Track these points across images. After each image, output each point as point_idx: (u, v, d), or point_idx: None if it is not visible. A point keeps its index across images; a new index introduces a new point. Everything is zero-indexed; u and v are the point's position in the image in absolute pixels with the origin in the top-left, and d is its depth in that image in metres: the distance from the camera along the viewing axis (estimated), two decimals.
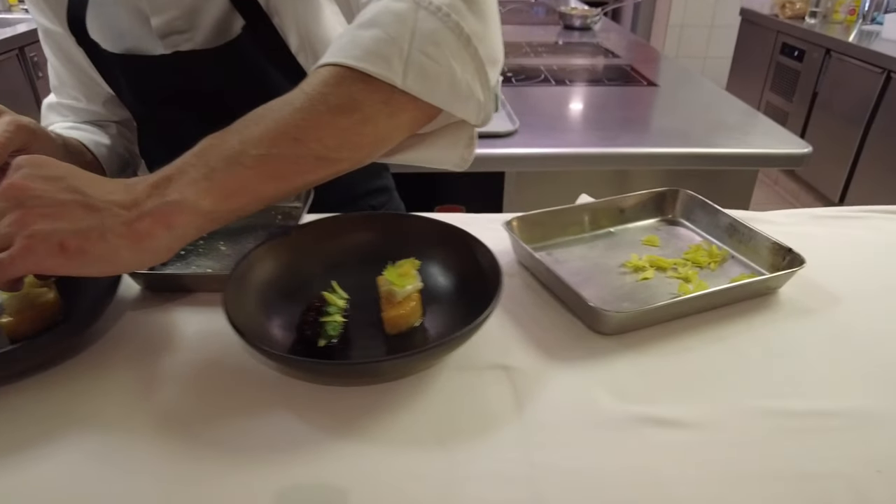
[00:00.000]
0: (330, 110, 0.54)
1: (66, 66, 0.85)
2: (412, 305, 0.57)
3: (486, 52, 0.60)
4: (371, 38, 0.55)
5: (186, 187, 0.50)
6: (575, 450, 0.47)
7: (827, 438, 0.48)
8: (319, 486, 0.44)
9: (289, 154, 0.53)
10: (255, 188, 0.53)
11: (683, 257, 0.69)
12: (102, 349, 0.58)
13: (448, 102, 0.58)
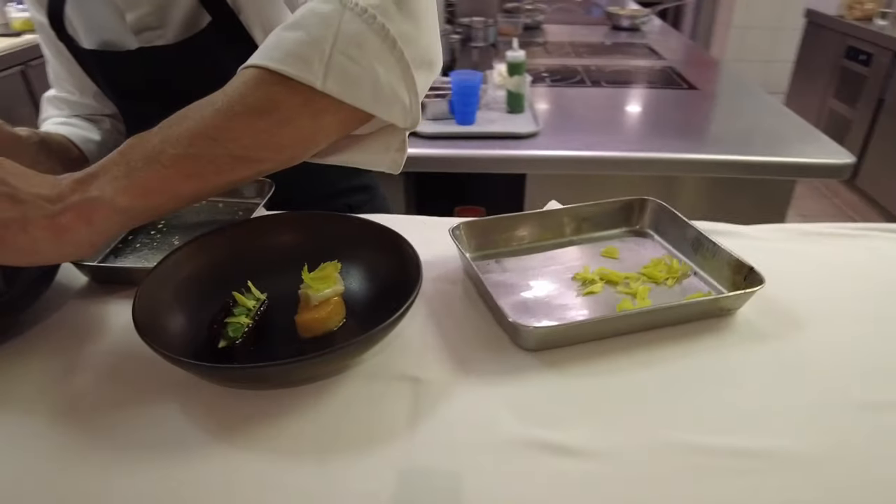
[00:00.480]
0: (247, 111, 0.54)
1: (58, 58, 0.87)
2: (329, 309, 0.56)
3: (416, 54, 0.58)
4: (293, 40, 0.55)
5: (107, 185, 0.50)
6: (457, 473, 0.44)
7: (736, 481, 0.43)
8: (178, 493, 0.43)
9: (206, 153, 0.53)
10: (173, 187, 0.53)
11: (640, 271, 0.65)
12: (37, 334, 0.59)
13: (371, 105, 0.56)
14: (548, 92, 1.96)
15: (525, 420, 0.48)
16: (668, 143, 1.56)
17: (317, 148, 0.60)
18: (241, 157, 0.54)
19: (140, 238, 0.73)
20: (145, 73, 0.80)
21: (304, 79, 0.53)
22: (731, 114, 1.81)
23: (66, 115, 0.90)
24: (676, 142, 1.57)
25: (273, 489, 0.43)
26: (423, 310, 0.61)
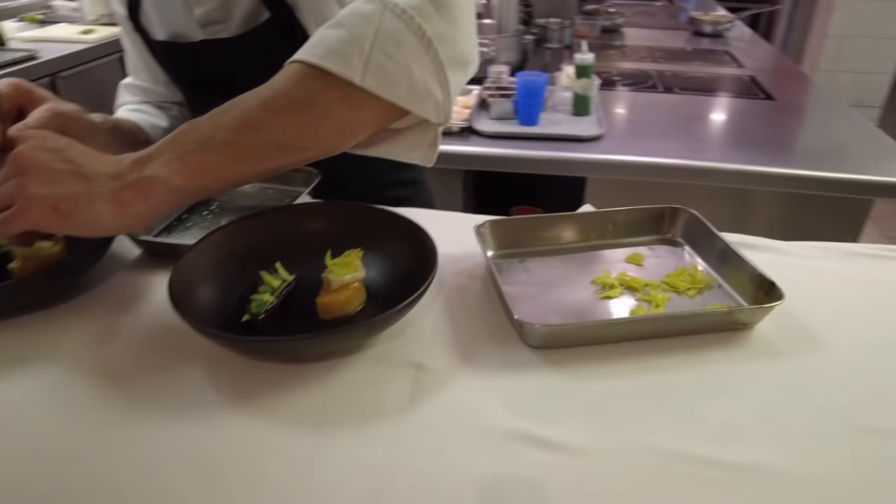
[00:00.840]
0: (290, 104, 0.58)
1: (134, 49, 0.94)
2: (348, 294, 0.59)
3: (450, 54, 0.61)
4: (335, 38, 0.58)
5: (162, 165, 0.56)
6: (440, 455, 0.46)
7: (713, 491, 0.43)
8: (187, 448, 0.47)
9: (251, 142, 0.57)
10: (220, 170, 0.58)
11: (662, 280, 0.65)
12: (91, 297, 0.66)
13: (406, 101, 0.60)
14: (617, 96, 1.93)
15: (516, 412, 0.50)
16: (736, 154, 1.52)
17: (355, 139, 0.64)
18: (284, 146, 0.58)
19: (193, 218, 0.79)
20: (209, 63, 0.86)
21: (343, 74, 0.57)
22: (809, 127, 1.74)
23: (139, 102, 0.97)
24: (746, 153, 1.53)
25: (274, 452, 0.46)
26: (440, 302, 0.63)
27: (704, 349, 0.56)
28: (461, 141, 1.67)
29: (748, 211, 1.60)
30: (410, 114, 0.63)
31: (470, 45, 0.64)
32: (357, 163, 0.70)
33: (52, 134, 0.58)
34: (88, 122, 0.77)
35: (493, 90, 1.72)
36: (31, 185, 0.53)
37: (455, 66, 0.62)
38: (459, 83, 0.64)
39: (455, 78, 0.63)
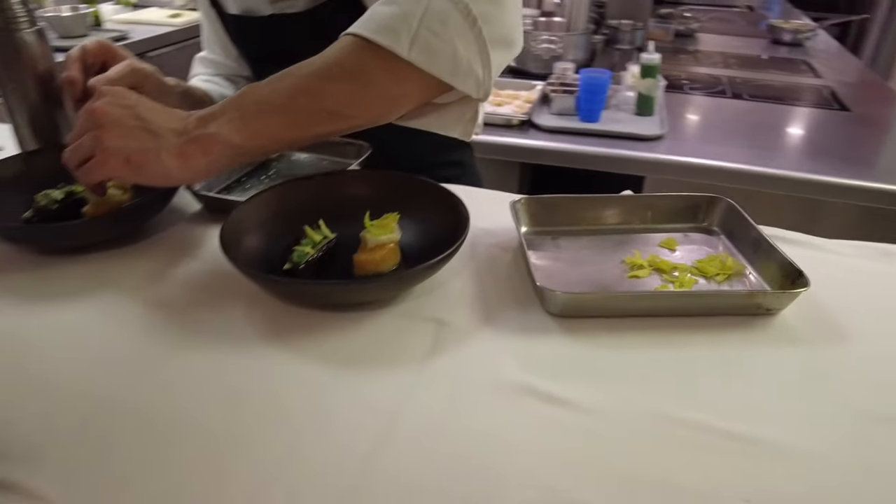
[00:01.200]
0: (342, 73, 0.62)
1: (209, 23, 1.01)
2: (383, 253, 0.62)
3: (494, 33, 0.64)
4: (387, 14, 0.62)
5: (224, 124, 0.61)
6: (450, 401, 0.49)
7: (712, 456, 0.45)
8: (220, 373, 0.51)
9: (304, 107, 0.62)
10: (275, 132, 0.63)
11: (693, 264, 0.66)
12: (154, 240, 0.72)
13: (448, 76, 0.63)
14: (684, 99, 1.91)
15: (528, 370, 0.52)
16: (805, 163, 1.48)
17: (400, 111, 0.67)
18: (334, 113, 0.63)
19: (251, 181, 0.84)
20: (276, 37, 0.91)
21: (391, 48, 0.61)
22: (883, 140, 1.68)
23: (211, 74, 1.04)
24: (816, 163, 1.49)
25: (296, 385, 0.50)
26: (471, 268, 0.66)
27: (724, 330, 0.57)
28: (520, 134, 1.69)
29: (816, 223, 1.56)
30: (453, 90, 0.66)
31: (514, 27, 0.67)
32: (407, 142, 0.73)
33: (124, 90, 0.64)
34: (162, 82, 0.83)
35: (556, 86, 1.73)
36: (107, 139, 0.58)
37: (498, 45, 0.65)
38: (501, 62, 0.67)
39: (497, 57, 0.65)
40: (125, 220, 0.71)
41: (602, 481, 0.43)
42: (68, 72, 0.75)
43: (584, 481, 0.43)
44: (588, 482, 0.43)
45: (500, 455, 0.45)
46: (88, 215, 0.70)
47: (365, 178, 0.73)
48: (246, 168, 0.87)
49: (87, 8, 2.32)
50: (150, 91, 0.80)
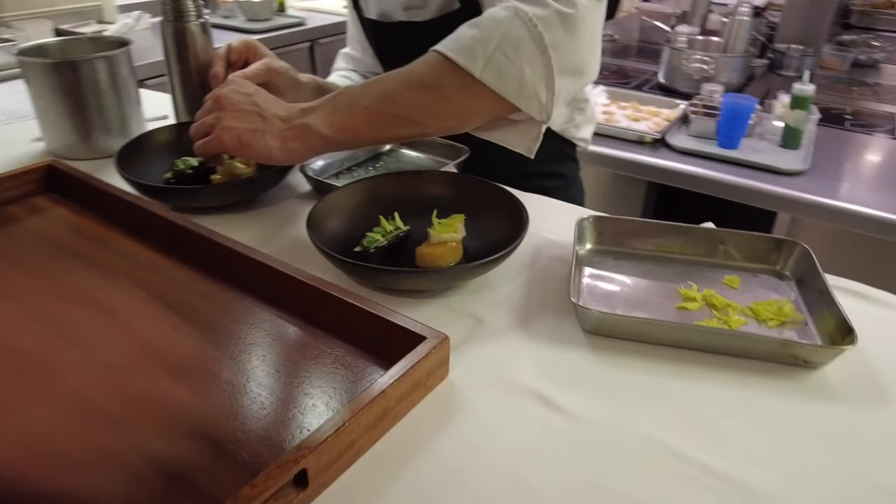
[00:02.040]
0: (420, 85, 0.70)
1: (353, 22, 1.12)
2: (444, 249, 0.68)
3: (564, 61, 0.69)
4: (468, 36, 0.70)
5: (318, 117, 0.70)
6: (460, 392, 0.54)
7: (698, 493, 0.46)
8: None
9: (385, 111, 0.70)
10: (359, 130, 0.72)
11: (749, 305, 0.66)
12: (264, 210, 0.83)
13: (514, 97, 0.69)
14: (840, 135, 1.78)
15: (543, 376, 0.56)
16: None
17: (470, 124, 0.74)
18: (409, 119, 0.70)
19: (359, 171, 0.94)
20: (404, 42, 0.99)
21: (467, 67, 0.68)
22: None
23: (349, 70, 1.14)
24: None
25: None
26: (524, 276, 0.70)
27: (755, 375, 0.57)
28: (651, 152, 1.67)
29: None
30: (520, 110, 0.71)
31: (587, 57, 0.72)
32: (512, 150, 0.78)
33: (247, 82, 0.75)
34: (295, 79, 0.94)
35: (697, 107, 1.69)
36: (226, 119, 0.70)
37: (567, 73, 0.70)
38: (570, 89, 0.72)
39: (564, 84, 0.70)
40: (243, 190, 0.83)
41: (570, 488, 0.46)
42: (214, 67, 0.88)
43: (554, 484, 0.46)
44: (557, 485, 0.46)
45: (483, 441, 0.49)
46: (215, 183, 0.83)
47: (445, 180, 0.79)
48: (359, 158, 0.97)
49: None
50: (283, 87, 0.91)
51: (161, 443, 0.47)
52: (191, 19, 0.90)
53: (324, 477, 0.44)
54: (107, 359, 0.56)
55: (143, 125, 1.03)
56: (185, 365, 0.55)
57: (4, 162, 0.95)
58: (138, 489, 0.43)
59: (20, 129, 1.09)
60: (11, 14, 2.19)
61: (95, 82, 0.92)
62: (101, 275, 0.68)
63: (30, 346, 0.57)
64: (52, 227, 0.77)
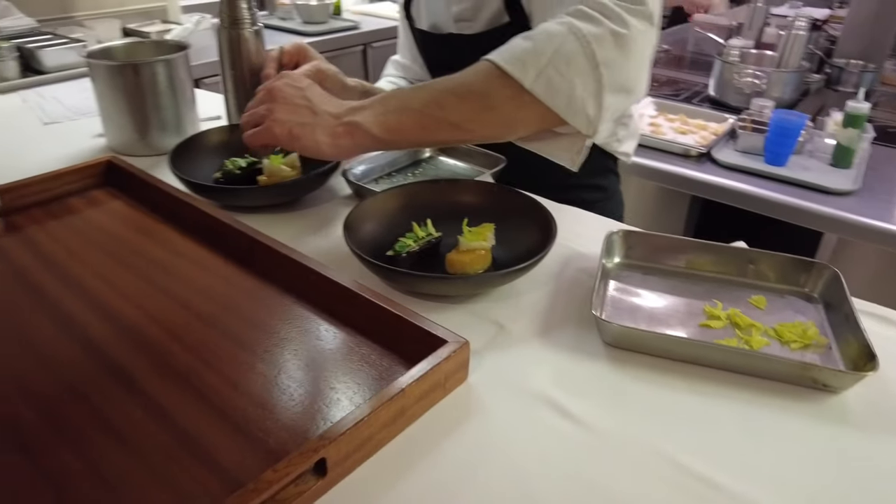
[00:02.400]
0: (470, 93, 0.72)
1: (404, 31, 1.15)
2: (472, 256, 0.70)
3: (615, 79, 0.70)
4: (522, 48, 0.71)
5: (368, 116, 0.73)
6: (476, 396, 0.56)
7: (683, 498, 0.47)
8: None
9: (433, 115, 0.72)
10: (407, 132, 0.73)
11: (774, 327, 0.66)
12: (306, 210, 0.87)
13: (563, 111, 0.70)
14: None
15: (558, 385, 0.57)
16: None
17: (516, 134, 0.76)
18: (456, 125, 0.72)
19: (399, 176, 0.97)
20: (454, 53, 1.01)
21: (517, 78, 0.69)
22: None
23: (398, 77, 1.18)
24: None
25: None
26: (551, 286, 0.72)
27: (773, 396, 0.57)
28: (696, 166, 1.66)
29: None
30: (567, 123, 0.72)
31: (636, 76, 0.72)
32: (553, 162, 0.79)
33: (300, 76, 0.78)
34: (343, 82, 0.98)
35: (746, 122, 1.67)
36: (278, 111, 0.72)
37: (616, 91, 0.71)
38: (618, 107, 0.73)
39: (613, 101, 0.71)
40: (287, 192, 0.87)
41: (576, 494, 0.48)
42: (267, 69, 0.92)
43: (561, 489, 0.48)
44: (563, 491, 0.48)
45: (496, 443, 0.51)
46: (261, 184, 0.87)
47: (479, 189, 0.81)
48: (399, 164, 1.00)
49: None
50: (330, 89, 0.94)
51: (194, 425, 0.51)
52: (245, 26, 0.95)
53: (342, 467, 0.47)
54: (149, 343, 0.60)
55: (197, 125, 1.08)
56: (221, 354, 0.59)
57: (68, 156, 1.02)
58: (171, 464, 0.47)
59: (85, 125, 1.16)
60: (83, 13, 2.30)
61: (154, 84, 0.98)
62: (149, 266, 0.72)
63: (77, 330, 0.61)
64: (108, 219, 0.82)
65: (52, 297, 0.66)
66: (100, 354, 0.58)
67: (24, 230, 0.79)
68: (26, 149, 1.06)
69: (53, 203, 0.85)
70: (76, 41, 1.51)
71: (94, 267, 0.72)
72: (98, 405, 0.53)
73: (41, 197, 0.85)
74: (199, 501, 0.44)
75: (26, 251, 0.75)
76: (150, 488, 0.45)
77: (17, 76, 1.38)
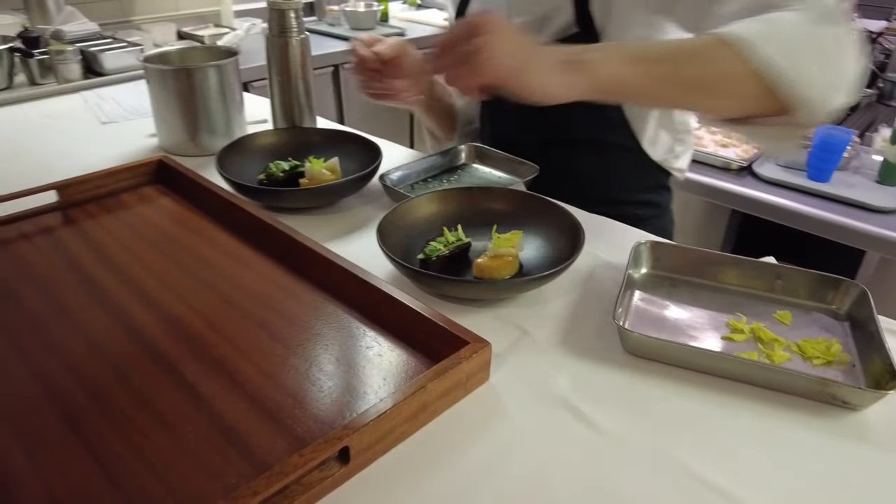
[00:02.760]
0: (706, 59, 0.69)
1: None
2: (500, 262, 0.73)
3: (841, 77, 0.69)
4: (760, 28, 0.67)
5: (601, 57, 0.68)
6: (497, 399, 0.58)
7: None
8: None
9: (666, 72, 0.69)
10: (634, 82, 0.69)
11: (796, 342, 0.66)
12: (342, 214, 0.90)
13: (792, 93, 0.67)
14: None
15: (575, 389, 0.59)
16: None
17: (738, 112, 0.74)
18: (687, 87, 0.70)
19: (434, 183, 1.00)
20: None
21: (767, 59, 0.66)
22: None
23: None
24: None
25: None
26: (577, 293, 0.73)
27: (791, 410, 0.58)
28: (736, 180, 1.65)
29: None
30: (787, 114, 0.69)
31: (855, 80, 0.70)
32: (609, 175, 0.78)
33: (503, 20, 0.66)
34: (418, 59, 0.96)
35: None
36: (496, 48, 0.63)
37: (840, 90, 0.69)
38: (837, 103, 0.69)
39: (837, 98, 0.69)
40: (327, 194, 0.90)
41: (587, 498, 0.49)
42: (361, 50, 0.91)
43: (573, 491, 0.50)
44: (576, 493, 0.49)
45: (514, 443, 0.53)
46: (303, 186, 0.91)
47: (511, 197, 0.83)
48: (435, 170, 1.03)
49: (378, 6, 2.70)
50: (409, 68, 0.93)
51: (228, 410, 0.54)
52: (293, 35, 0.99)
53: (365, 456, 0.50)
54: (190, 332, 0.63)
55: (245, 128, 1.13)
56: (257, 346, 0.62)
57: (122, 154, 1.08)
58: (204, 445, 0.50)
59: (139, 125, 1.22)
60: (140, 17, 2.40)
61: (205, 88, 1.03)
62: (193, 260, 0.76)
63: (124, 318, 0.66)
64: (157, 215, 0.87)
65: (102, 287, 0.71)
66: (144, 341, 0.62)
67: (79, 223, 0.84)
68: (85, 146, 1.13)
69: (107, 198, 0.90)
70: (134, 45, 1.58)
71: (142, 259, 0.76)
72: (140, 388, 0.57)
73: (96, 193, 0.90)
74: (228, 480, 0.47)
75: (81, 243, 0.80)
76: (184, 465, 0.49)
77: (79, 78, 1.45)
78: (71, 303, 0.68)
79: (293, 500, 0.46)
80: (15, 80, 1.43)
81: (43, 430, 0.52)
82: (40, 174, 0.92)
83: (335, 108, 2.47)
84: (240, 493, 0.42)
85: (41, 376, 0.58)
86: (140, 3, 2.40)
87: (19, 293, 0.70)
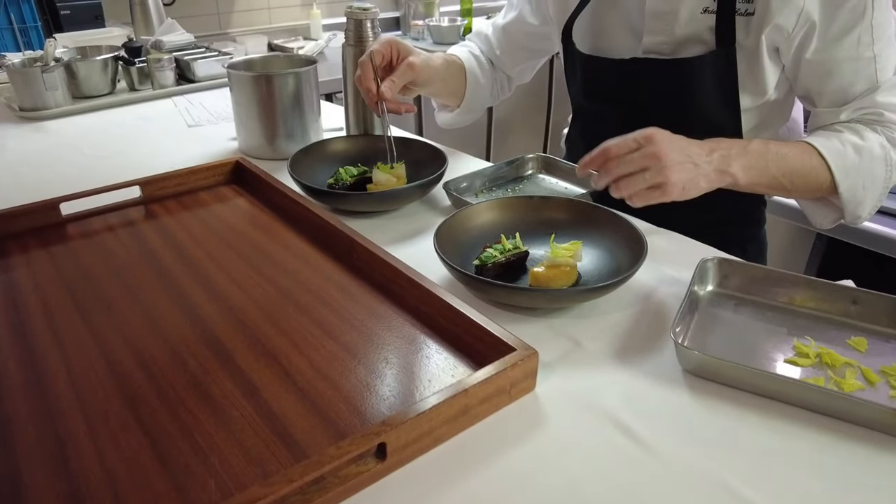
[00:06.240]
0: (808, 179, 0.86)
1: (502, 38, 1.15)
2: (556, 272, 0.72)
3: None
4: (851, 160, 0.84)
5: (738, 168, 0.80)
6: (546, 412, 0.57)
7: None
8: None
9: (781, 184, 0.85)
10: (759, 186, 0.84)
11: (879, 369, 0.62)
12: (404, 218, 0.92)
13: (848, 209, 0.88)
14: None
15: (626, 405, 0.57)
16: None
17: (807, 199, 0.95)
18: (787, 190, 0.86)
19: (499, 191, 1.00)
20: (624, 79, 0.97)
21: (838, 181, 0.85)
22: None
23: (474, 45, 1.18)
24: None
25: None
26: (638, 306, 0.71)
27: (858, 443, 0.54)
28: None
29: None
30: None
31: None
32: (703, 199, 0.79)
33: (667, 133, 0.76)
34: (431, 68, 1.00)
35: None
36: (670, 174, 0.73)
37: None
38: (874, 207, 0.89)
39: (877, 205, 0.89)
40: (393, 199, 0.92)
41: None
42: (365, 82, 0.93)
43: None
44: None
45: (555, 454, 0.52)
46: (370, 191, 0.93)
47: (571, 207, 0.82)
48: (501, 179, 1.03)
49: (462, 20, 2.73)
50: (424, 80, 0.97)
51: (276, 399, 0.55)
52: (369, 44, 1.02)
53: (402, 454, 0.50)
54: (248, 324, 0.66)
55: (321, 134, 1.17)
56: (311, 340, 0.64)
57: (204, 155, 1.13)
58: (249, 430, 0.52)
59: (222, 129, 1.28)
60: (236, 30, 2.53)
61: (283, 94, 1.07)
62: (260, 256, 0.79)
63: (189, 307, 0.69)
64: (231, 213, 0.91)
65: (173, 276, 0.74)
66: (204, 328, 0.65)
67: (159, 218, 0.89)
68: (171, 147, 1.19)
69: (186, 196, 0.95)
70: (225, 54, 1.66)
71: (212, 253, 0.80)
72: (195, 372, 0.59)
73: (176, 190, 0.95)
74: (268, 466, 0.49)
75: (158, 236, 0.84)
76: (227, 448, 0.51)
77: (173, 84, 1.54)
78: (143, 289, 0.72)
79: (329, 491, 0.46)
80: (117, 86, 1.54)
81: (104, 403, 0.55)
82: (129, 171, 0.98)
83: (414, 118, 2.51)
84: (275, 479, 0.44)
85: (109, 354, 0.61)
86: (237, 17, 2.52)
87: (99, 279, 0.74)
